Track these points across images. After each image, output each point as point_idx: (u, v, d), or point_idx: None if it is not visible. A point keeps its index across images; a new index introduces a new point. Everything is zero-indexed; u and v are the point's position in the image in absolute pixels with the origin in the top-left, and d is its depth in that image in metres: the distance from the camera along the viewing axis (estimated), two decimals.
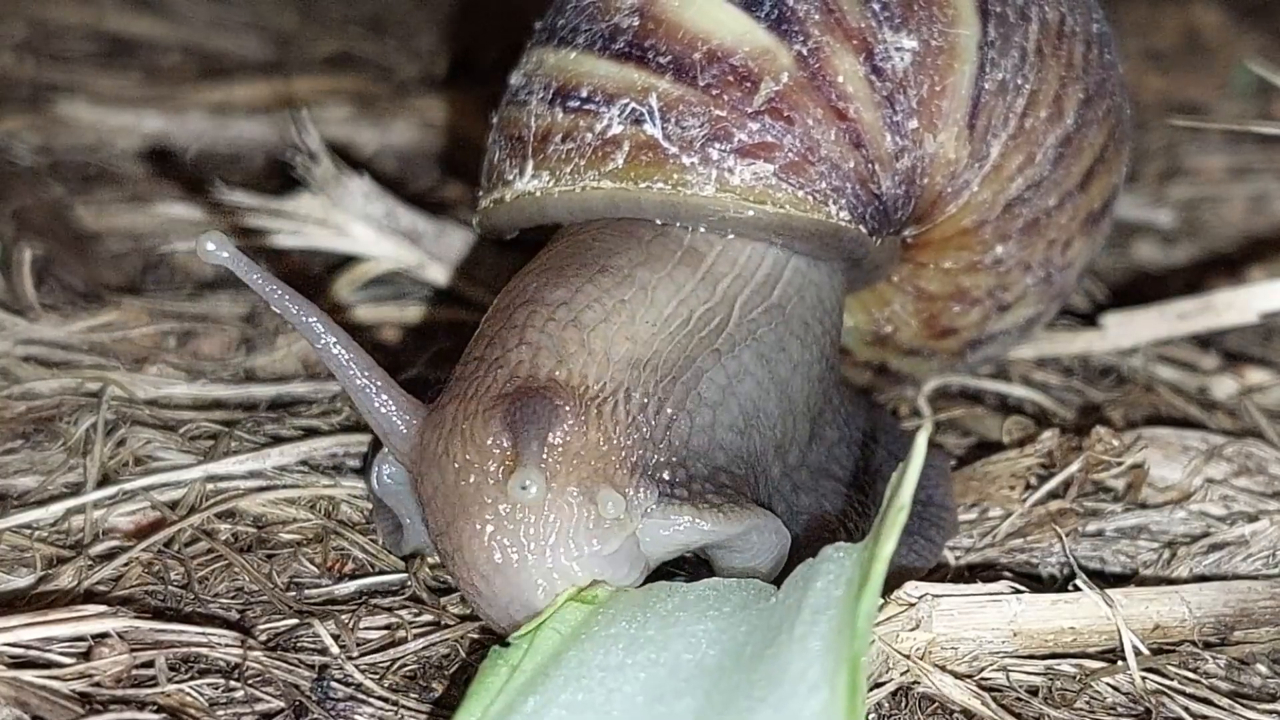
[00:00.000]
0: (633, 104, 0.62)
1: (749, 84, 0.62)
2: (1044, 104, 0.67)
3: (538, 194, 0.64)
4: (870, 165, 0.63)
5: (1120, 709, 0.58)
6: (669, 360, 0.59)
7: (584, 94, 0.63)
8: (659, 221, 0.63)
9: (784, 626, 0.51)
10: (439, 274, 0.87)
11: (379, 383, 0.58)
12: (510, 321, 0.60)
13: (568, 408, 0.56)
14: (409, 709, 0.56)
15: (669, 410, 0.58)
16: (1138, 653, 0.59)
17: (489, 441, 0.56)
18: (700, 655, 0.52)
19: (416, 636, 0.60)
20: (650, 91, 0.62)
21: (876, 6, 0.63)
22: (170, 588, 0.61)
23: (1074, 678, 0.59)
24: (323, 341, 0.57)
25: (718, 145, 0.62)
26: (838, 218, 0.63)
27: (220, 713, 0.54)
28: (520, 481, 0.53)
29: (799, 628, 0.50)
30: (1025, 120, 0.66)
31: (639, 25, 0.63)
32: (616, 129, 0.62)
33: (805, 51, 0.62)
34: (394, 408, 0.58)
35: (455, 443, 0.56)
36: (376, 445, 0.63)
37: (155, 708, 0.54)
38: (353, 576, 0.64)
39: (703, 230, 0.63)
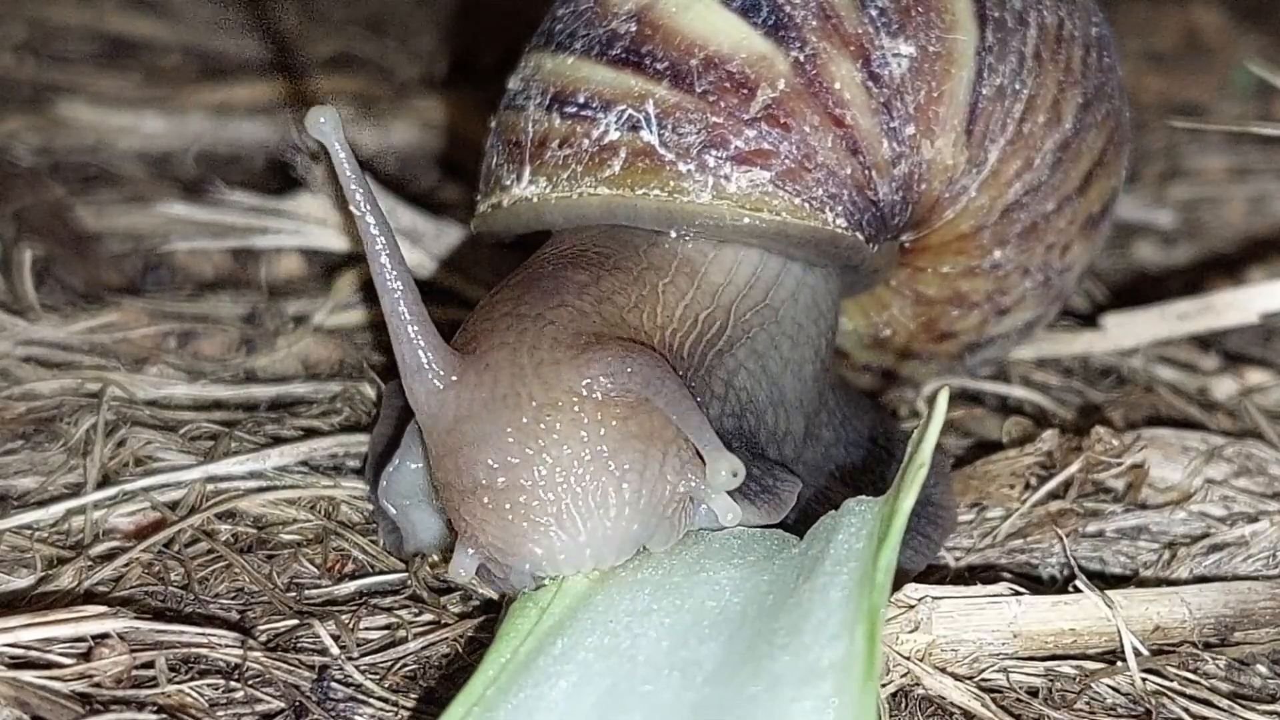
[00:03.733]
0: (630, 110, 0.62)
1: (746, 90, 0.62)
2: (1042, 109, 0.67)
3: (535, 200, 0.64)
4: (867, 171, 0.63)
5: (1120, 710, 0.58)
6: (689, 353, 0.60)
7: (581, 100, 0.63)
8: (654, 229, 0.63)
9: (805, 576, 0.52)
10: (439, 274, 0.87)
11: (420, 321, 0.56)
12: (539, 288, 0.59)
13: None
14: (409, 709, 0.56)
15: (697, 394, 0.59)
16: (1138, 654, 0.59)
17: (584, 385, 0.55)
18: (724, 603, 0.53)
19: (416, 636, 0.60)
20: (647, 98, 0.62)
21: (874, 12, 0.63)
22: (170, 588, 0.61)
23: (1074, 679, 0.59)
24: (380, 263, 0.55)
25: (714, 152, 0.61)
26: (834, 225, 0.63)
27: (220, 713, 0.55)
28: (726, 468, 0.53)
29: (820, 578, 0.51)
30: (1023, 125, 0.66)
31: (636, 31, 0.63)
32: (613, 135, 0.62)
33: (802, 58, 0.62)
34: (430, 344, 0.56)
35: (530, 385, 0.55)
36: (382, 458, 0.63)
37: (155, 708, 0.54)
38: (353, 577, 0.64)
39: (692, 238, 0.63)
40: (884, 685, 0.57)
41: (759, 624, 0.51)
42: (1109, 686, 0.59)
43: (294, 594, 0.62)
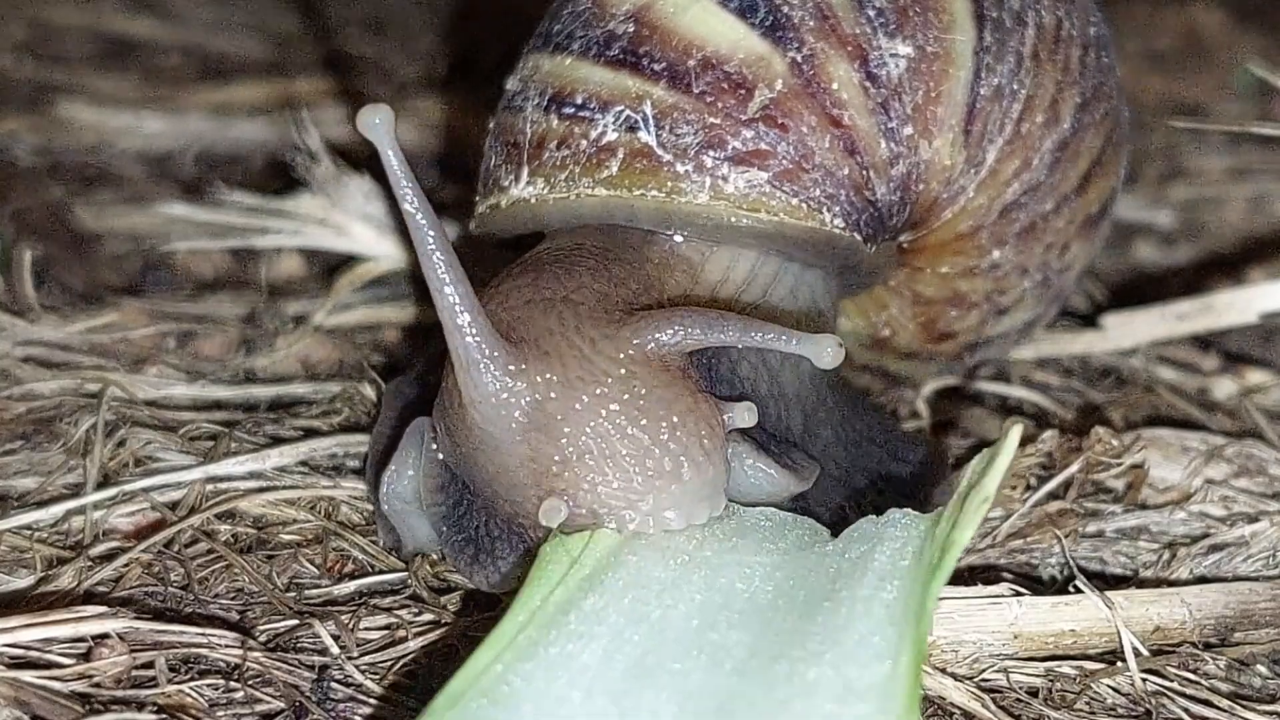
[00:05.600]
0: (627, 111, 0.62)
1: (743, 91, 0.62)
2: (1040, 109, 0.67)
3: (533, 201, 0.64)
4: (865, 172, 0.63)
5: (1120, 710, 0.58)
6: None
7: (579, 101, 0.63)
8: (651, 229, 0.63)
9: (844, 582, 0.52)
10: None
11: (476, 313, 0.56)
12: (550, 274, 0.59)
13: None
14: (409, 709, 0.56)
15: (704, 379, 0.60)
16: (1138, 654, 0.59)
17: (642, 351, 0.57)
18: (753, 589, 0.53)
19: (416, 636, 0.60)
20: (645, 99, 0.62)
21: (871, 13, 0.63)
22: (170, 588, 0.61)
23: (1074, 679, 0.59)
24: (432, 260, 0.55)
25: (712, 153, 0.61)
26: (831, 225, 0.63)
27: (220, 713, 0.55)
28: (830, 343, 0.55)
29: (863, 589, 0.51)
30: (1021, 125, 0.66)
31: (634, 32, 0.63)
32: (611, 136, 0.62)
33: (799, 58, 0.62)
34: (488, 335, 0.56)
35: (597, 363, 0.56)
36: (382, 459, 0.63)
37: (155, 708, 0.54)
38: (353, 577, 0.64)
39: (684, 238, 0.63)
40: None
41: (790, 621, 0.51)
42: (1109, 687, 0.59)
43: (294, 594, 0.62)
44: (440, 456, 0.61)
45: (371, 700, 0.56)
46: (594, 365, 0.56)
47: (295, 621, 0.60)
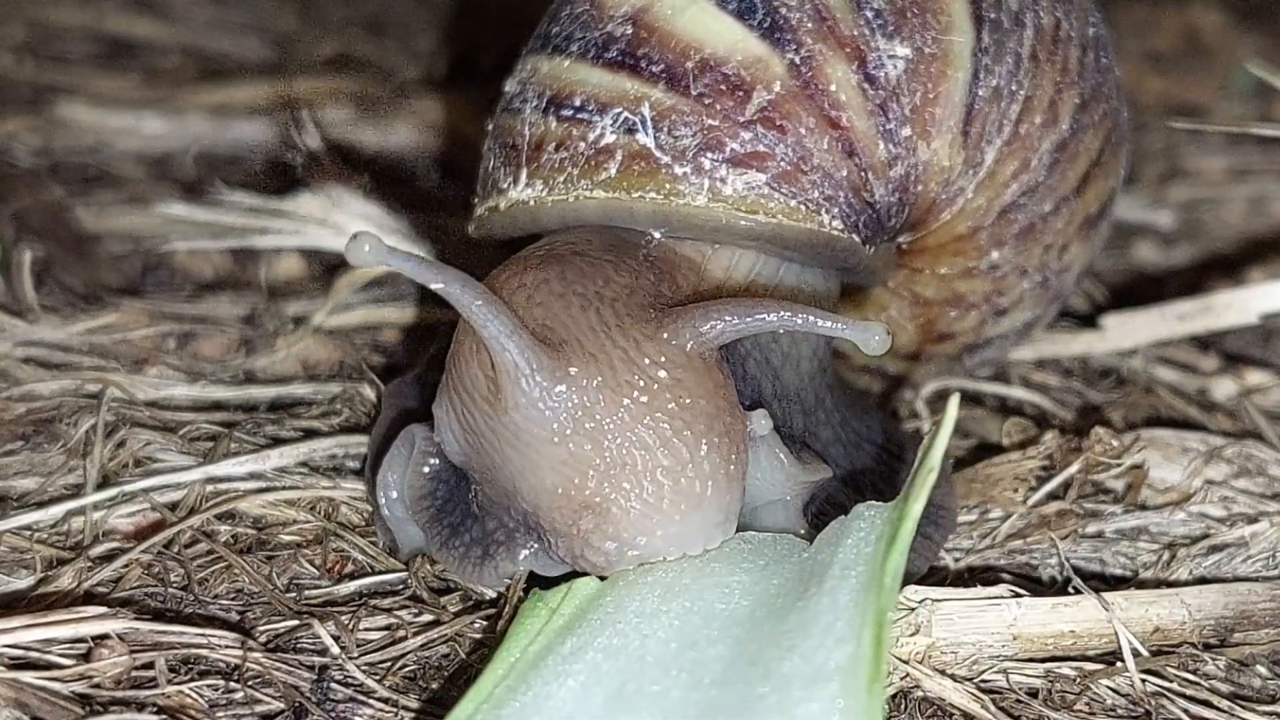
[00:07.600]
0: (625, 113, 0.62)
1: (741, 93, 0.62)
2: (1039, 110, 0.67)
3: (531, 203, 0.64)
4: (863, 174, 0.63)
5: (1120, 711, 0.58)
6: None
7: (577, 103, 0.63)
8: (650, 230, 0.63)
9: (814, 579, 0.52)
10: None
11: (518, 331, 0.56)
12: (574, 268, 0.59)
13: None
14: (409, 709, 0.56)
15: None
16: (1137, 655, 0.59)
17: (686, 353, 0.57)
18: (733, 605, 0.53)
19: (416, 636, 0.60)
20: (643, 101, 0.62)
21: (869, 14, 0.63)
22: (170, 589, 0.61)
23: (1074, 680, 0.59)
24: (472, 310, 0.55)
25: (710, 155, 0.61)
26: (830, 227, 0.63)
27: (220, 714, 0.55)
28: (878, 330, 0.55)
29: (829, 581, 0.51)
30: (1020, 126, 0.66)
31: (632, 34, 0.63)
32: (609, 138, 0.62)
33: (798, 60, 0.62)
34: (532, 348, 0.56)
35: (643, 366, 0.56)
36: (378, 456, 0.63)
37: (155, 709, 0.54)
38: (353, 577, 0.64)
39: (689, 240, 0.63)
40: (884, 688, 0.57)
41: (768, 627, 0.51)
42: (1109, 688, 0.59)
43: (294, 594, 0.62)
44: (426, 469, 0.61)
45: (372, 700, 0.56)
46: (641, 368, 0.56)
47: (295, 622, 0.60)
